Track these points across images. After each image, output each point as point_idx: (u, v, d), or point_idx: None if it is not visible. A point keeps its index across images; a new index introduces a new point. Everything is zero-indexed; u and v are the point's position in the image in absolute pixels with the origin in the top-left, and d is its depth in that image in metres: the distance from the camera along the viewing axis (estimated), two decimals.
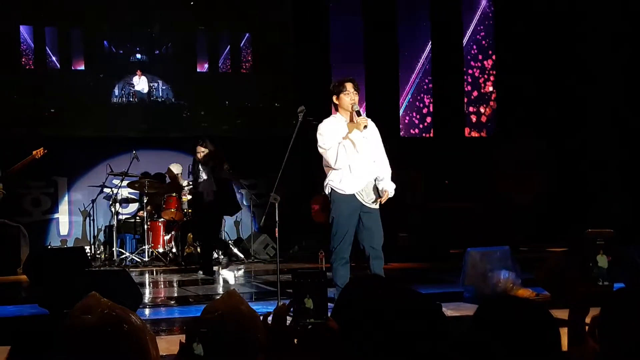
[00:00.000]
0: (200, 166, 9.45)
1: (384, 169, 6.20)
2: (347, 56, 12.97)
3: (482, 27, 13.60)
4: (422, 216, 11.11)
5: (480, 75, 13.65)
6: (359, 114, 6.10)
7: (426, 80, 13.40)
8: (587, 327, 2.71)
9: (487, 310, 2.06)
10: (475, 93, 13.63)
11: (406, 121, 13.29)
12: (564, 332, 2.78)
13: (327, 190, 6.21)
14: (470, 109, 13.59)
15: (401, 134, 13.13)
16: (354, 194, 6.07)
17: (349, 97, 6.11)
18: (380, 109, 12.70)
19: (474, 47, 13.62)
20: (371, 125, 6.19)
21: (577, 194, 12.40)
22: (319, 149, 6.13)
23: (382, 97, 12.85)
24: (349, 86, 6.14)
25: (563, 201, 12.28)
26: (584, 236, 2.59)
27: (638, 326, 2.04)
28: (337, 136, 6.05)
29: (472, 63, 13.62)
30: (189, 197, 10.52)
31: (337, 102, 6.19)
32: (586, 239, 2.35)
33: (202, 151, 9.40)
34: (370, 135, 6.15)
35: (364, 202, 6.09)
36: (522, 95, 12.95)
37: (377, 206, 6.15)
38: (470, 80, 13.62)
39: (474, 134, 13.59)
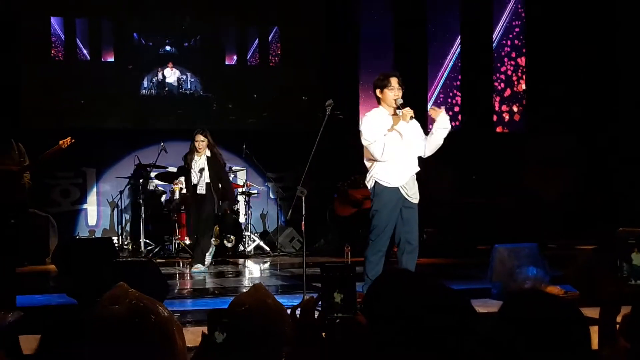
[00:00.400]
0: (195, 157, 9.18)
1: None
2: (376, 51, 12.92)
3: (512, 24, 13.47)
4: (450, 211, 11.06)
5: (510, 72, 13.53)
6: (403, 106, 6.04)
7: (456, 76, 13.31)
8: (618, 326, 2.67)
9: (513, 307, 2.03)
10: (505, 89, 13.51)
11: None
12: (594, 331, 2.75)
13: (370, 184, 6.15)
14: (501, 106, 13.48)
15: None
16: (397, 187, 6.04)
17: (393, 92, 6.05)
18: (408, 105, 12.62)
19: (505, 43, 13.49)
20: (414, 123, 6.15)
21: (606, 191, 12.27)
22: (363, 141, 6.06)
23: (410, 92, 12.72)
24: (394, 81, 6.08)
25: (592, 198, 12.16)
26: (616, 235, 2.57)
27: None
28: (381, 128, 5.99)
29: (503, 59, 13.50)
30: (181, 186, 10.38)
31: (379, 96, 6.12)
32: (617, 238, 2.33)
33: (201, 140, 9.14)
34: (413, 127, 6.11)
35: (406, 196, 6.07)
36: (552, 92, 12.82)
37: (416, 201, 6.15)
38: (500, 76, 13.50)
39: (504, 130, 13.48)
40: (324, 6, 12.58)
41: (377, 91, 6.13)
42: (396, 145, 5.98)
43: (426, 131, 6.40)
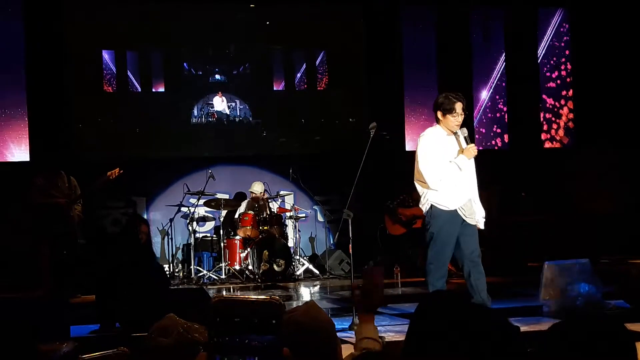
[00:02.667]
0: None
1: None
2: (420, 71, 12.94)
3: (557, 38, 13.37)
4: (499, 230, 10.95)
5: (557, 87, 13.40)
6: (467, 140, 6.02)
7: (501, 93, 13.22)
8: None
9: (557, 332, 2.03)
10: (553, 105, 13.38)
11: (482, 132, 13.15)
12: None
13: (425, 207, 6.10)
14: (549, 122, 13.35)
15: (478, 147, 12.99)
16: (456, 210, 5.98)
17: (456, 119, 5.98)
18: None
19: (551, 58, 13.38)
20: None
21: None
22: (419, 166, 6.04)
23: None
24: (458, 107, 5.98)
25: None
26: None
27: None
28: (440, 154, 5.95)
29: (549, 74, 13.39)
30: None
31: (440, 118, 6.03)
32: None
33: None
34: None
35: (465, 217, 6.01)
36: (601, 105, 12.65)
37: (474, 222, 6.08)
38: (547, 91, 13.38)
39: (552, 146, 13.33)
40: (367, 28, 12.63)
41: (439, 113, 6.03)
42: (455, 176, 5.94)
43: None
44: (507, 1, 13.07)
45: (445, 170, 5.90)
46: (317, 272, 10.97)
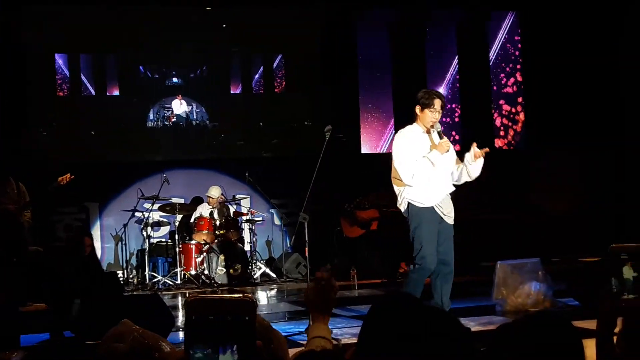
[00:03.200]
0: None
1: None
2: (375, 74, 13.04)
3: (509, 40, 13.55)
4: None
5: (509, 89, 13.58)
6: (440, 135, 5.97)
7: (454, 95, 13.36)
8: (615, 338, 2.70)
9: (504, 333, 2.07)
10: (504, 106, 13.55)
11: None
12: (593, 343, 2.78)
13: (403, 206, 6.05)
14: (500, 121, 13.52)
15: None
16: (433, 207, 5.95)
17: (434, 115, 5.98)
18: (408, 124, 12.69)
19: (503, 60, 13.56)
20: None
21: (611, 205, 12.26)
22: (394, 163, 6.01)
23: (410, 110, 12.84)
24: (437, 104, 5.99)
25: (597, 212, 12.14)
26: (609, 251, 2.59)
27: None
28: (414, 151, 5.94)
29: (503, 76, 13.57)
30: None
31: (418, 113, 6.03)
32: (610, 254, 2.36)
33: None
34: (448, 153, 6.05)
35: (442, 214, 5.98)
36: (552, 107, 12.84)
37: (452, 222, 6.07)
38: (498, 93, 13.56)
39: (504, 147, 13.51)
40: (323, 32, 12.67)
41: (418, 108, 6.03)
42: (428, 170, 5.91)
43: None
44: (459, 5, 13.19)
45: (418, 166, 5.88)
46: (274, 275, 10.97)
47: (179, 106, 12.36)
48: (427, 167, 5.90)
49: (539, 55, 13.03)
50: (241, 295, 1.98)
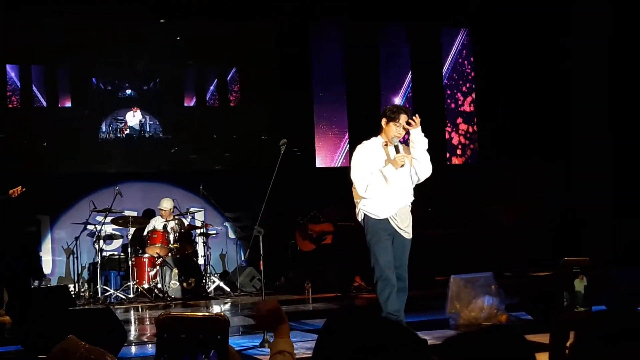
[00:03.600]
0: None
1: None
2: (330, 87, 13.10)
3: (463, 57, 13.72)
4: None
5: (463, 103, 13.74)
6: (397, 150, 5.98)
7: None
8: (567, 352, 2.74)
9: (453, 347, 2.08)
10: (458, 120, 13.70)
11: None
12: (546, 357, 2.81)
13: (359, 217, 6.12)
14: (458, 139, 13.66)
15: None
16: (387, 219, 5.99)
17: (397, 129, 6.03)
18: (362, 138, 12.74)
19: (456, 75, 13.71)
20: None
21: (565, 218, 12.44)
22: (351, 175, 6.10)
23: (364, 124, 12.91)
24: (403, 119, 6.05)
25: (548, 226, 12.31)
26: (561, 264, 2.64)
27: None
28: (371, 164, 5.99)
29: (455, 91, 13.72)
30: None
31: (383, 126, 6.10)
32: (563, 267, 2.39)
33: None
34: (405, 167, 6.02)
35: (398, 228, 6.01)
36: (505, 122, 13.01)
37: (409, 236, 6.09)
38: (452, 107, 13.70)
39: (458, 161, 13.64)
40: (277, 45, 12.68)
41: (384, 121, 6.10)
42: (382, 185, 5.95)
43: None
44: (411, 20, 13.31)
45: (372, 179, 5.94)
46: (228, 289, 10.90)
47: (132, 118, 12.24)
48: (380, 181, 5.96)
49: (492, 71, 13.20)
50: (213, 313, 1.97)
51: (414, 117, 6.05)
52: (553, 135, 12.83)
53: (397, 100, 13.26)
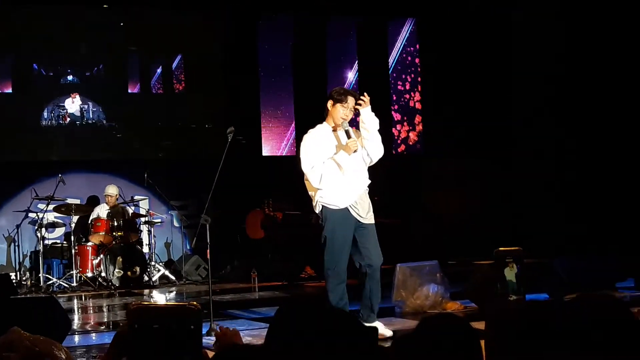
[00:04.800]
0: None
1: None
2: (276, 77, 13.08)
3: (408, 47, 13.82)
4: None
5: (407, 94, 13.85)
6: (348, 135, 5.71)
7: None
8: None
9: (406, 341, 2.12)
10: (403, 111, 13.81)
11: None
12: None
13: (317, 208, 5.82)
14: (398, 127, 13.77)
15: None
16: (347, 208, 5.72)
17: (344, 111, 5.74)
18: (309, 128, 12.76)
19: (401, 66, 13.81)
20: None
21: (506, 208, 12.65)
22: (302, 166, 5.79)
23: (311, 115, 12.92)
24: (350, 100, 5.75)
25: (492, 215, 12.50)
26: (494, 255, 2.67)
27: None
28: (321, 152, 5.71)
29: (399, 83, 13.82)
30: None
31: (329, 108, 5.80)
32: (496, 257, 2.42)
33: None
34: (358, 152, 5.74)
35: (358, 217, 5.74)
36: (448, 113, 13.15)
37: (372, 221, 5.84)
38: (397, 99, 13.81)
39: (404, 152, 13.75)
40: (223, 33, 12.61)
41: (330, 103, 5.80)
42: (336, 172, 5.68)
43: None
44: (359, 11, 13.36)
45: (325, 168, 5.66)
46: (173, 278, 10.85)
47: (72, 104, 12.04)
48: (334, 169, 5.70)
49: (438, 62, 13.33)
50: (186, 303, 1.94)
51: (362, 97, 5.77)
52: (495, 128, 13.01)
53: None
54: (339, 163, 5.70)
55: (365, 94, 5.81)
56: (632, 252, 8.56)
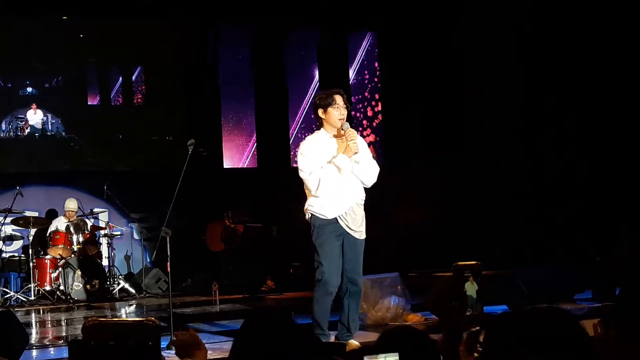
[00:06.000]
0: None
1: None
2: (237, 88, 13.08)
3: (368, 59, 13.92)
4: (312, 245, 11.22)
5: (368, 106, 13.93)
6: (348, 136, 5.44)
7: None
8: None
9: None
10: (363, 123, 13.89)
11: (297, 151, 13.42)
12: None
13: (307, 216, 5.60)
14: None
15: (293, 164, 13.26)
16: (336, 218, 5.49)
17: (339, 111, 5.51)
18: (270, 140, 12.82)
19: (361, 78, 13.90)
20: (360, 141, 5.57)
21: (466, 220, 12.76)
22: (300, 173, 5.53)
23: (273, 127, 12.98)
24: (339, 99, 5.53)
25: (452, 227, 12.60)
26: (452, 268, 2.67)
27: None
28: (320, 159, 5.46)
29: (361, 94, 13.90)
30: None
31: (323, 117, 5.54)
32: (454, 271, 2.43)
33: None
34: (358, 155, 5.51)
35: (348, 229, 5.52)
36: (407, 125, 13.25)
37: (362, 236, 5.63)
38: (357, 111, 13.88)
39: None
40: (183, 45, 12.58)
41: (320, 112, 5.55)
42: (335, 178, 5.44)
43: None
44: (319, 23, 13.42)
45: (324, 173, 5.41)
46: (133, 291, 10.76)
47: (33, 116, 11.92)
48: (334, 174, 5.44)
49: (396, 75, 13.43)
50: (144, 319, 1.92)
51: (345, 132, 5.48)
52: (454, 142, 13.15)
53: (304, 104, 13.36)
54: (338, 167, 5.45)
55: (347, 129, 5.50)
56: (590, 264, 8.69)
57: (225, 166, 12.86)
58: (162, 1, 12.06)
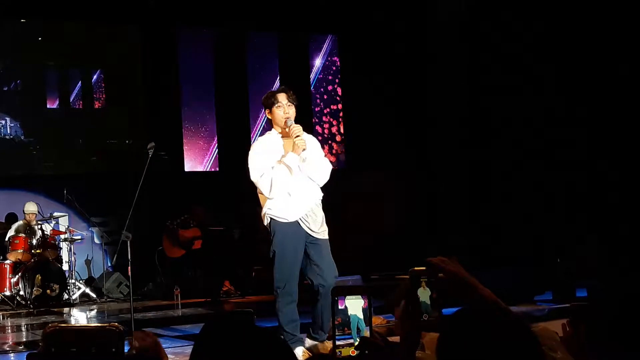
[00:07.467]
0: None
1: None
2: (198, 91, 13.05)
3: (330, 64, 13.97)
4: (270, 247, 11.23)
5: (329, 110, 13.98)
6: (294, 133, 5.33)
7: None
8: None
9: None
10: (325, 127, 13.93)
11: None
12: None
13: (265, 221, 5.44)
14: (320, 139, 13.87)
15: None
16: (297, 221, 5.36)
17: (282, 110, 5.38)
18: (232, 143, 12.79)
19: (323, 82, 13.95)
20: (309, 139, 5.48)
21: (427, 222, 12.86)
22: (251, 176, 5.38)
23: (234, 130, 12.96)
24: (282, 97, 5.42)
25: (414, 229, 12.69)
26: (408, 274, 2.66)
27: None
28: (270, 160, 5.33)
29: (322, 97, 13.94)
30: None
31: (269, 117, 5.46)
32: (410, 276, 2.45)
33: None
34: (310, 150, 5.40)
35: (309, 231, 5.40)
36: (371, 129, 13.32)
37: (325, 236, 5.52)
38: (320, 115, 13.92)
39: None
40: (143, 48, 12.52)
41: (267, 112, 5.49)
42: (287, 179, 5.31)
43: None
44: (279, 27, 13.43)
45: (275, 174, 5.28)
46: (94, 295, 10.68)
47: None
48: (285, 174, 5.31)
49: (357, 77, 13.49)
50: (107, 324, 1.90)
51: (290, 129, 5.37)
52: (415, 145, 13.25)
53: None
54: (289, 166, 5.32)
55: (291, 125, 5.39)
56: (550, 265, 8.81)
57: (186, 169, 12.82)
58: (123, 4, 11.98)
